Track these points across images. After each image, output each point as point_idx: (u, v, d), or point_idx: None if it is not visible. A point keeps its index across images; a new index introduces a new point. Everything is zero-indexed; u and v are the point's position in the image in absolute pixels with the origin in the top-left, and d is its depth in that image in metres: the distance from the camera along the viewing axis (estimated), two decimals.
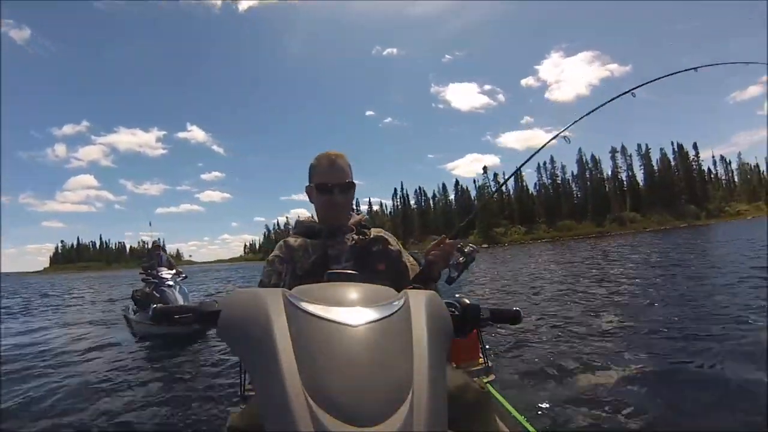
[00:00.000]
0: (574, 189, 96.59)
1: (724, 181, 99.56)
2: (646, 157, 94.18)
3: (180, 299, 7.57)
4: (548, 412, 3.11)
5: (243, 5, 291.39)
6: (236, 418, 1.14)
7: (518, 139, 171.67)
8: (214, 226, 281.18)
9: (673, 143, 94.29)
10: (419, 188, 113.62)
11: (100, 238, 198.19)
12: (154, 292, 7.85)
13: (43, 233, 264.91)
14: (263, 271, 1.58)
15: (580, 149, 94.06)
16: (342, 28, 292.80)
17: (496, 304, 7.59)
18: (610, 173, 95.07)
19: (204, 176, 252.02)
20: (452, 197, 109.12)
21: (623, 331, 5.27)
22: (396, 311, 0.72)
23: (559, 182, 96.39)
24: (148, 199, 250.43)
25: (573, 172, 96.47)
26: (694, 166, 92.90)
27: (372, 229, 1.72)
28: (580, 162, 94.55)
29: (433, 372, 0.65)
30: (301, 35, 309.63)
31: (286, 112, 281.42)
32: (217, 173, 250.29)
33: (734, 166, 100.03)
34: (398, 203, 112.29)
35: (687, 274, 9.92)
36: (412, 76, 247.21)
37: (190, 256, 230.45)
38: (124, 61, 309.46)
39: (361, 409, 0.57)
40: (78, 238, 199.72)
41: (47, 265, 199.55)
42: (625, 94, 2.39)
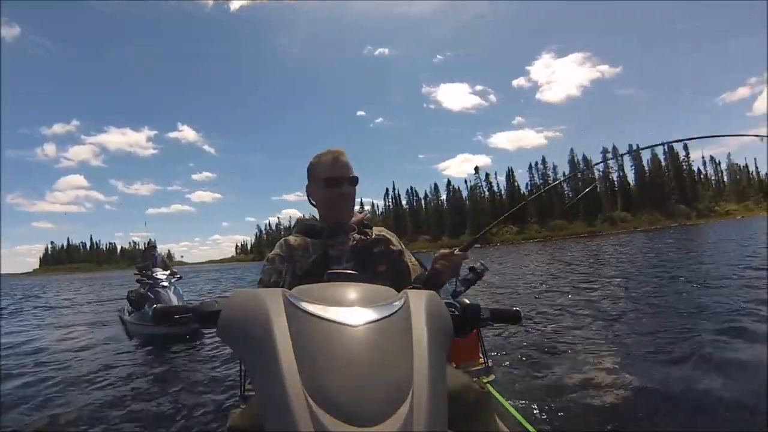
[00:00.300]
0: (566, 189, 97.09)
1: (713, 182, 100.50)
2: (636, 158, 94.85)
3: (174, 300, 7.53)
4: (548, 412, 3.10)
5: (235, 4, 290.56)
6: (236, 418, 1.13)
7: (509, 140, 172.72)
8: (205, 226, 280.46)
9: (663, 143, 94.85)
10: (411, 188, 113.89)
11: (91, 239, 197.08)
12: (149, 292, 7.79)
13: (33, 234, 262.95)
14: (263, 270, 1.57)
15: (571, 150, 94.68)
16: (333, 28, 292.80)
17: (497, 302, 7.57)
18: (601, 173, 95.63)
19: (195, 176, 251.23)
20: (444, 197, 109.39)
21: (622, 330, 5.27)
22: (396, 311, 0.72)
23: (551, 182, 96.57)
24: (139, 200, 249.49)
25: (564, 173, 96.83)
26: (684, 167, 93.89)
27: (374, 228, 1.72)
28: (571, 162, 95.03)
29: (433, 372, 0.65)
30: (293, 35, 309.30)
31: (277, 113, 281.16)
32: (208, 173, 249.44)
33: (723, 166, 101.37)
34: (390, 203, 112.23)
35: (681, 273, 9.99)
36: (404, 76, 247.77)
37: (182, 256, 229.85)
38: (115, 60, 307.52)
39: (361, 409, 0.57)
40: (68, 239, 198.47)
41: (37, 266, 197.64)
42: (677, 141, 2.68)
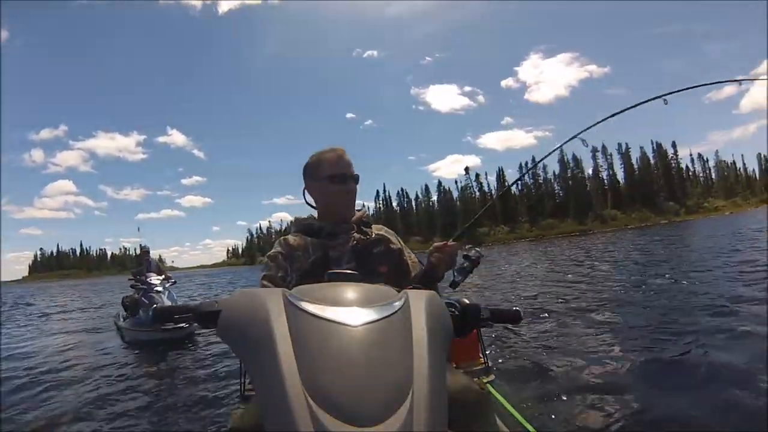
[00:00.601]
0: (557, 188, 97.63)
1: (701, 178, 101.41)
2: (626, 156, 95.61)
3: (168, 304, 7.52)
4: (548, 412, 3.10)
5: (223, 7, 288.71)
6: (237, 418, 1.14)
7: (499, 140, 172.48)
8: (195, 231, 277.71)
9: (652, 142, 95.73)
10: (402, 190, 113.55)
11: (81, 245, 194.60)
12: (143, 297, 7.81)
13: (21, 241, 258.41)
14: (266, 266, 1.57)
15: (561, 149, 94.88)
16: (322, 31, 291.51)
17: (498, 302, 7.58)
18: (591, 172, 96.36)
19: (185, 181, 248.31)
20: (435, 198, 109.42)
21: (621, 328, 5.27)
22: (396, 311, 0.72)
23: (541, 182, 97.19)
24: (129, 205, 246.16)
25: (555, 172, 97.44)
26: (673, 164, 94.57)
27: (373, 227, 1.72)
28: (561, 161, 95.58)
29: (433, 372, 0.65)
30: (281, 39, 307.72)
31: (267, 116, 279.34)
32: (198, 178, 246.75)
33: (711, 163, 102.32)
34: (381, 205, 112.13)
35: (673, 269, 10.10)
36: (393, 78, 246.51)
37: (172, 262, 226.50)
38: (103, 64, 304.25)
39: (361, 409, 0.57)
40: (58, 246, 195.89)
41: (26, 273, 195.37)
42: (656, 98, 2.44)
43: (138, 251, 9.53)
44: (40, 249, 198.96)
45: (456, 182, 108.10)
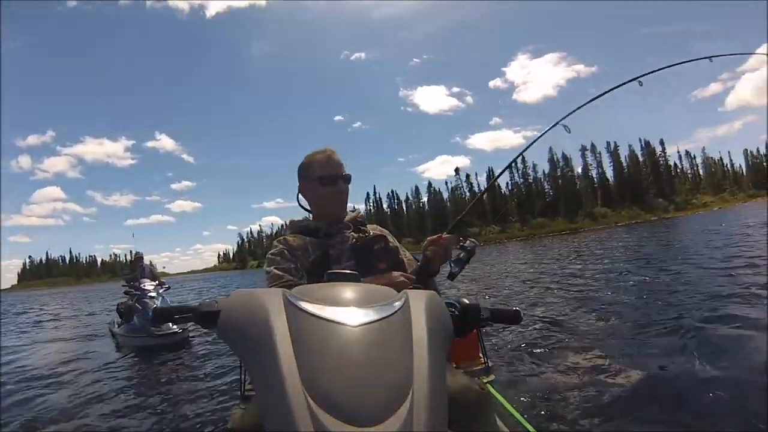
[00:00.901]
0: (547, 187, 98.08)
1: (690, 175, 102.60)
2: (615, 154, 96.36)
3: None
4: (548, 412, 3.09)
5: (211, 11, 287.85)
6: (237, 419, 1.14)
7: (487, 140, 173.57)
8: (186, 236, 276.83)
9: (640, 140, 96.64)
10: (392, 191, 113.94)
11: (70, 252, 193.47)
12: (137, 303, 7.80)
13: (10, 249, 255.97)
14: (272, 262, 1.54)
15: (550, 148, 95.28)
16: (310, 34, 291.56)
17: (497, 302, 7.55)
18: (580, 171, 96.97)
19: (174, 186, 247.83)
20: (425, 200, 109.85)
21: (620, 328, 5.24)
22: (396, 311, 0.72)
23: (531, 181, 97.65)
24: (118, 211, 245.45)
25: (545, 171, 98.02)
26: (661, 162, 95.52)
27: (368, 226, 1.73)
28: (551, 161, 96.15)
29: (433, 372, 0.65)
30: (269, 42, 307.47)
31: (256, 119, 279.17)
32: (187, 182, 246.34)
33: (699, 160, 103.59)
34: (371, 207, 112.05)
35: (666, 264, 10.18)
36: (381, 80, 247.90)
37: (164, 267, 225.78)
38: (91, 68, 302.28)
39: (361, 409, 0.56)
40: (47, 253, 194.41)
41: (15, 282, 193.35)
42: (631, 81, 2.49)
43: (129, 257, 9.48)
44: (29, 257, 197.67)
45: (446, 183, 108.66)
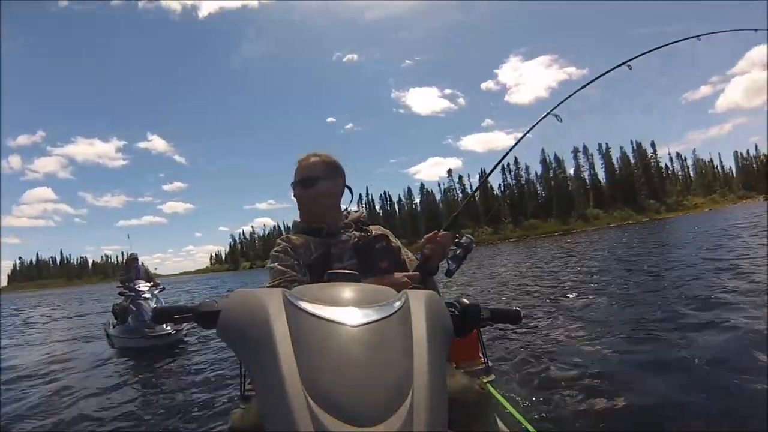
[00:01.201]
0: (539, 189, 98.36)
1: (680, 177, 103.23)
2: (606, 156, 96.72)
3: None
4: (548, 412, 3.10)
5: (203, 12, 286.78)
6: (237, 419, 1.14)
7: (479, 142, 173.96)
8: (178, 237, 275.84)
9: (632, 142, 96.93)
10: (384, 193, 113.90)
11: (61, 254, 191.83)
12: (131, 305, 7.78)
13: None
14: (276, 258, 1.56)
15: (543, 150, 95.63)
16: (302, 36, 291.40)
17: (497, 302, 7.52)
18: (573, 172, 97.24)
19: (166, 187, 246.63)
20: (417, 201, 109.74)
21: (620, 327, 5.19)
22: (396, 311, 0.72)
23: (524, 182, 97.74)
24: (110, 212, 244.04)
25: (537, 172, 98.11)
26: (653, 163, 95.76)
27: (371, 226, 1.75)
28: (543, 162, 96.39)
29: (433, 372, 0.65)
30: (261, 43, 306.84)
31: (247, 121, 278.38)
32: (179, 183, 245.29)
33: (689, 162, 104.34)
34: (363, 208, 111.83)
35: (661, 265, 10.23)
36: (373, 81, 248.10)
37: (155, 269, 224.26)
38: (81, 69, 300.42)
39: (361, 409, 0.56)
40: (37, 254, 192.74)
41: (5, 283, 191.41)
42: (621, 65, 2.55)
43: (121, 258, 9.47)
44: (19, 258, 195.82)
45: (438, 184, 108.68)
